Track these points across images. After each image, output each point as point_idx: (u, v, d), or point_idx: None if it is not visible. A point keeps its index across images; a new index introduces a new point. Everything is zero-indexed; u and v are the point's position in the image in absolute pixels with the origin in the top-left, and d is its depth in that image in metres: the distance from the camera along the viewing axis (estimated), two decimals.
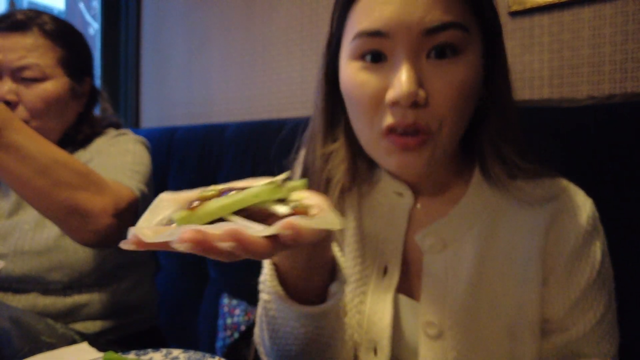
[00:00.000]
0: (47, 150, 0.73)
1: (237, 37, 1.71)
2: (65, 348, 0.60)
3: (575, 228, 0.55)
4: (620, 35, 0.95)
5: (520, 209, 0.56)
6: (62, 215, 0.75)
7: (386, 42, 0.49)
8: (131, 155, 0.97)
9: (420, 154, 0.50)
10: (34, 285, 0.92)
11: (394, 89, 0.48)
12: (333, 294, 0.49)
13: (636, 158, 0.79)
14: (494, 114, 0.55)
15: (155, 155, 1.58)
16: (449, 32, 0.48)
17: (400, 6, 0.47)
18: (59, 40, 0.97)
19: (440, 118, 0.49)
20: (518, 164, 0.54)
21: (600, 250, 0.56)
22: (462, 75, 0.49)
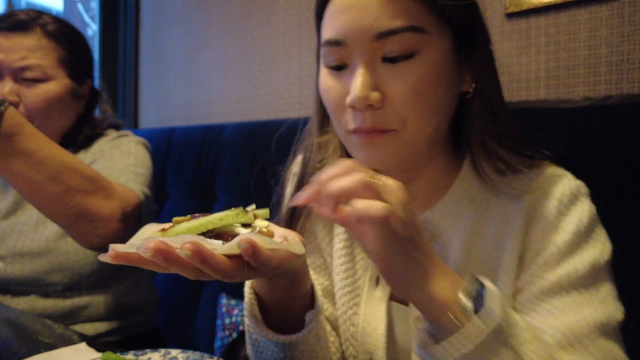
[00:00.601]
0: (59, 156, 0.73)
1: (235, 39, 1.71)
2: (64, 349, 0.60)
3: (550, 206, 0.55)
4: (616, 37, 0.95)
5: (506, 201, 0.57)
6: (72, 220, 0.75)
7: (344, 49, 0.51)
8: (133, 157, 0.97)
9: (383, 148, 0.52)
10: (33, 287, 0.92)
11: (350, 93, 0.50)
12: (308, 322, 0.52)
13: (632, 159, 0.79)
14: (479, 109, 0.56)
15: (154, 155, 1.58)
16: (401, 36, 0.49)
17: (353, 15, 0.50)
18: (60, 41, 0.97)
19: (401, 117, 0.51)
20: (504, 158, 0.55)
21: (577, 224, 0.54)
22: (417, 75, 0.50)
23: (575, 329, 0.48)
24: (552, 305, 0.51)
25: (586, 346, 0.48)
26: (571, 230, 0.53)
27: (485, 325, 0.40)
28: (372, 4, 0.49)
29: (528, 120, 0.90)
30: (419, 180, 0.60)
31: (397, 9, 0.49)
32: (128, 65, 2.14)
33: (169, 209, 1.53)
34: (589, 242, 0.53)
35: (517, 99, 1.08)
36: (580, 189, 0.57)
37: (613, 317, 0.50)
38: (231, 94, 1.73)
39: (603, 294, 0.51)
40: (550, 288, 0.52)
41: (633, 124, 0.80)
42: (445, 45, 0.52)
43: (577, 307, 0.50)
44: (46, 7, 7.47)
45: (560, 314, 0.50)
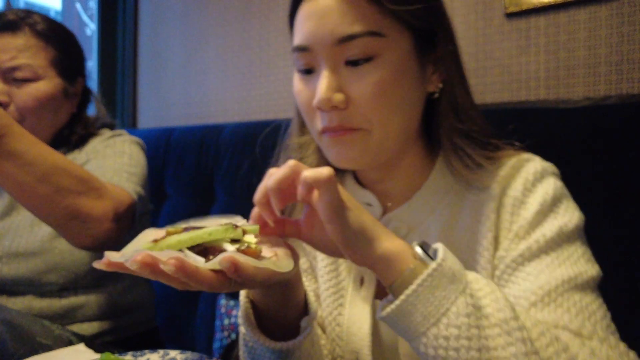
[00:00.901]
0: (48, 157, 0.72)
1: (234, 39, 1.71)
2: (62, 349, 0.60)
3: (517, 186, 0.57)
4: (615, 37, 0.95)
5: (478, 192, 0.59)
6: (63, 221, 0.74)
7: (311, 55, 0.55)
8: (127, 156, 0.96)
9: (353, 146, 0.55)
10: (29, 287, 0.91)
11: (315, 96, 0.53)
12: (303, 328, 0.54)
13: (632, 158, 0.79)
14: (445, 108, 0.58)
15: (153, 155, 1.58)
16: (360, 40, 0.52)
17: (316, 22, 0.53)
18: (50, 41, 0.96)
19: (366, 117, 0.54)
20: (471, 155, 0.57)
21: (543, 196, 0.55)
22: (377, 77, 0.52)
23: (545, 287, 0.49)
24: (525, 272, 0.52)
25: (554, 299, 0.48)
26: (538, 202, 0.55)
27: (435, 263, 0.42)
28: (333, 12, 0.52)
29: (527, 120, 0.90)
30: (395, 178, 0.63)
31: (356, 15, 0.52)
32: (127, 65, 2.13)
33: (167, 209, 1.53)
34: (555, 212, 0.55)
35: (516, 98, 1.08)
36: (546, 169, 0.59)
37: (584, 272, 0.51)
38: (230, 94, 1.73)
39: (573, 255, 0.53)
40: (521, 256, 0.53)
41: (632, 124, 0.81)
42: (405, 47, 0.54)
43: (548, 269, 0.51)
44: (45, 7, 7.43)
45: (534, 279, 0.51)
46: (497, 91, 1.10)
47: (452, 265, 0.42)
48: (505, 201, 0.57)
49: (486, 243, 0.56)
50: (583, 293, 0.50)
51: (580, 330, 0.46)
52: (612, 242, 0.80)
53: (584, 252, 0.54)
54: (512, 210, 0.56)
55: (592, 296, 0.50)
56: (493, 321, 0.40)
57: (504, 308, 0.41)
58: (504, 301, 0.42)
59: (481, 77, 1.13)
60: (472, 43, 1.14)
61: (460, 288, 0.41)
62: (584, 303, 0.49)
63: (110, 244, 0.81)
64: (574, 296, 0.49)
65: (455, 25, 1.21)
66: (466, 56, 1.14)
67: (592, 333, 0.46)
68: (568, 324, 0.47)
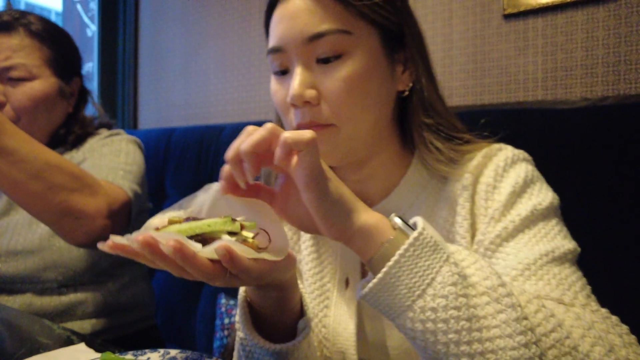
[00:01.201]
0: (41, 154, 0.73)
1: (234, 40, 1.72)
2: (63, 349, 0.60)
3: (489, 173, 0.59)
4: (613, 38, 0.96)
5: (453, 184, 0.60)
6: (56, 217, 0.75)
7: (284, 55, 0.57)
8: (124, 155, 0.97)
9: (325, 143, 0.56)
10: (29, 285, 0.92)
11: (289, 93, 0.55)
12: (301, 330, 0.54)
13: (629, 159, 0.80)
14: (415, 106, 0.60)
15: (153, 156, 1.59)
16: (329, 38, 0.54)
17: (287, 23, 0.56)
18: (45, 40, 0.97)
19: (336, 113, 0.55)
20: (441, 150, 0.59)
21: (515, 179, 0.57)
22: (346, 73, 0.54)
23: (524, 261, 0.50)
24: (505, 252, 0.53)
25: (535, 272, 0.49)
26: (510, 184, 0.56)
27: (416, 232, 0.40)
28: (303, 12, 0.55)
29: (525, 121, 0.91)
30: (373, 177, 0.64)
31: (324, 15, 0.54)
32: (127, 66, 2.14)
33: None
34: (529, 193, 0.56)
35: (514, 99, 1.08)
36: (518, 155, 0.60)
37: (561, 246, 0.51)
38: (230, 94, 1.73)
39: (549, 232, 0.53)
40: (499, 236, 0.54)
41: (630, 125, 0.81)
42: (373, 45, 0.57)
43: (526, 247, 0.52)
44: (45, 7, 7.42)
45: (514, 257, 0.52)
46: (495, 92, 1.11)
47: (433, 235, 0.41)
48: (479, 188, 0.58)
49: (462, 231, 0.58)
50: (562, 266, 0.50)
51: (562, 299, 0.47)
52: (610, 241, 0.80)
53: (560, 230, 0.54)
54: (486, 196, 0.57)
55: (571, 269, 0.51)
56: (480, 289, 0.39)
57: (490, 276, 0.40)
58: (489, 269, 0.40)
59: (479, 78, 1.13)
60: (470, 44, 1.14)
61: (444, 257, 0.40)
62: (563, 275, 0.49)
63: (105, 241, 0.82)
64: (553, 269, 0.49)
65: (454, 27, 1.23)
66: (464, 57, 1.15)
67: (573, 300, 0.47)
68: (550, 294, 0.47)
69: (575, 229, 0.82)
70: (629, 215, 0.79)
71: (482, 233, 0.56)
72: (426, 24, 1.21)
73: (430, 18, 1.20)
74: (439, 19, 1.19)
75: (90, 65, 2.27)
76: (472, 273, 0.40)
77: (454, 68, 1.17)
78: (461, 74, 1.16)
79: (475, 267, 0.40)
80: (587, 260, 0.81)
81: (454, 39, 1.17)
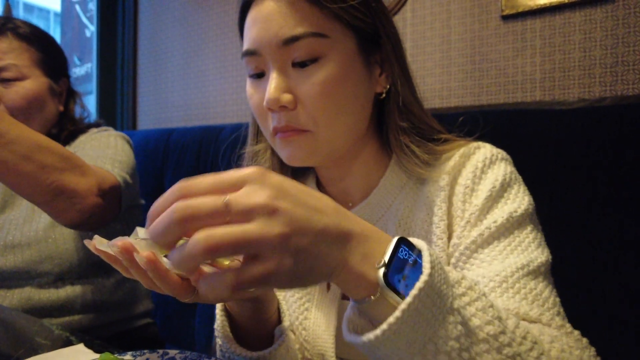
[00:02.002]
0: (30, 135, 0.75)
1: (233, 40, 1.72)
2: (62, 350, 0.60)
3: (467, 174, 0.58)
4: (610, 39, 0.96)
5: (431, 184, 0.60)
6: (49, 198, 0.76)
7: (260, 59, 0.56)
8: (112, 147, 1.00)
9: (301, 147, 0.56)
10: (26, 279, 0.93)
11: (265, 97, 0.55)
12: (277, 337, 0.54)
13: (627, 159, 0.80)
14: (391, 108, 0.60)
15: (152, 156, 1.59)
16: (304, 41, 0.53)
17: (262, 25, 0.55)
18: (33, 42, 1.01)
19: (312, 117, 0.55)
20: (416, 153, 0.59)
21: (493, 182, 0.56)
22: (322, 77, 0.54)
23: (501, 274, 0.50)
24: (479, 259, 0.53)
25: (512, 286, 0.49)
26: (487, 188, 0.56)
27: (421, 281, 0.34)
28: (277, 15, 0.54)
29: (523, 122, 0.91)
30: (353, 176, 0.64)
31: (299, 17, 0.53)
32: (126, 67, 2.14)
33: None
34: (506, 197, 0.56)
35: (512, 100, 1.09)
36: (497, 155, 0.60)
37: (535, 259, 0.52)
38: (229, 95, 1.74)
39: (524, 240, 0.54)
40: (474, 242, 0.54)
41: (627, 125, 0.81)
42: (349, 47, 0.56)
43: (501, 256, 0.52)
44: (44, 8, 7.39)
45: (488, 265, 0.52)
46: (493, 93, 1.11)
47: (440, 274, 0.35)
48: (457, 189, 0.58)
49: (439, 232, 0.58)
50: (536, 280, 0.51)
51: (539, 318, 0.47)
52: (607, 242, 0.81)
53: (534, 238, 0.55)
54: (464, 198, 0.57)
55: (544, 283, 0.52)
56: (481, 336, 0.36)
57: (493, 320, 0.36)
58: (491, 311, 0.37)
59: (477, 79, 1.14)
60: (468, 45, 1.15)
61: (449, 303, 0.35)
62: (538, 290, 0.50)
63: (96, 220, 0.84)
64: (529, 283, 0.50)
65: (452, 28, 1.23)
66: (463, 58, 1.16)
67: (550, 320, 0.47)
68: (529, 312, 0.48)
69: (572, 229, 0.83)
70: (627, 216, 0.79)
71: (457, 237, 0.56)
72: (424, 25, 1.22)
73: (429, 19, 1.21)
74: (437, 20, 1.19)
75: (89, 66, 2.27)
76: (473, 314, 0.36)
77: (452, 69, 1.18)
78: (459, 74, 1.16)
79: (476, 307, 0.37)
80: (581, 261, 0.81)
81: (452, 40, 1.17)
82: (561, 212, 0.84)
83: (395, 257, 0.36)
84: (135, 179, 1.02)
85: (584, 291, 0.80)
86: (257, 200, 0.32)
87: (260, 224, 0.31)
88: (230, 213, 0.31)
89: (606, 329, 0.78)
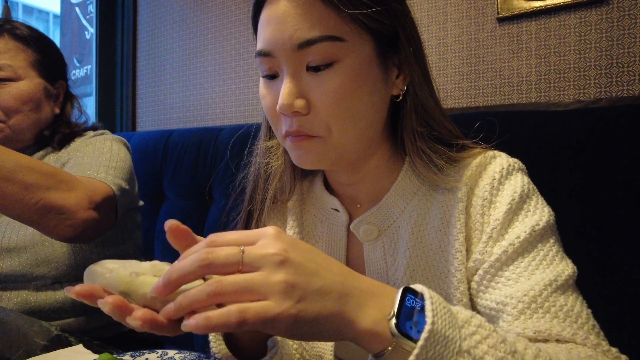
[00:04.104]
0: (9, 156, 0.74)
1: (231, 42, 1.73)
2: (60, 350, 0.60)
3: (484, 185, 0.57)
4: (605, 41, 0.97)
5: (446, 193, 0.59)
6: (37, 216, 0.76)
7: (273, 60, 0.54)
8: (107, 153, 0.98)
9: (312, 151, 0.55)
10: (23, 282, 0.93)
11: (278, 102, 0.53)
12: (270, 348, 0.53)
13: (622, 160, 0.80)
14: (408, 111, 0.58)
15: (151, 157, 1.59)
16: (320, 45, 0.51)
17: (276, 27, 0.52)
18: (29, 44, 1.01)
19: (326, 124, 0.53)
20: (433, 159, 0.57)
21: (511, 195, 0.55)
22: (338, 83, 0.52)
23: (530, 293, 0.49)
24: (504, 276, 0.52)
25: (541, 305, 0.48)
26: (507, 201, 0.55)
27: (424, 336, 0.35)
28: (292, 16, 0.51)
29: (519, 123, 0.91)
30: (363, 180, 0.63)
31: (315, 20, 0.51)
32: (125, 68, 2.15)
33: (166, 211, 1.54)
34: (526, 209, 0.55)
35: (508, 101, 1.09)
36: (513, 165, 0.58)
37: (562, 273, 0.51)
38: (228, 96, 1.74)
39: (548, 254, 0.53)
40: (498, 260, 0.53)
41: (622, 126, 0.82)
42: (366, 51, 0.54)
43: (527, 272, 0.51)
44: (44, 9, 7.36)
45: (514, 283, 0.51)
46: (489, 94, 1.12)
47: (445, 319, 0.36)
48: (475, 201, 0.57)
49: (458, 245, 0.56)
50: (565, 295, 0.50)
51: (573, 338, 0.46)
52: (603, 243, 0.81)
53: (557, 250, 0.54)
54: (482, 210, 0.56)
55: (574, 296, 0.51)
56: None
57: (506, 357, 0.37)
58: (502, 347, 0.37)
59: (473, 80, 1.14)
60: (464, 47, 1.15)
61: (457, 346, 0.36)
62: (569, 305, 0.49)
63: (92, 232, 0.83)
64: (559, 299, 0.49)
65: (449, 30, 1.24)
66: (459, 60, 1.16)
67: (584, 340, 0.46)
68: (561, 332, 0.46)
69: (568, 231, 0.83)
70: (624, 216, 0.80)
71: (480, 252, 0.55)
72: (421, 27, 1.22)
73: (425, 21, 1.21)
74: (433, 23, 1.20)
75: (88, 67, 2.28)
76: (485, 351, 0.36)
77: (448, 71, 1.18)
78: (456, 76, 1.17)
79: (488, 344, 0.37)
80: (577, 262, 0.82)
81: (448, 42, 1.18)
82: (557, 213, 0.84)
83: (404, 306, 0.38)
84: (133, 183, 1.01)
85: (582, 291, 0.81)
86: (269, 250, 0.36)
87: (268, 271, 0.35)
88: (244, 262, 0.35)
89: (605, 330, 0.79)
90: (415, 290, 0.39)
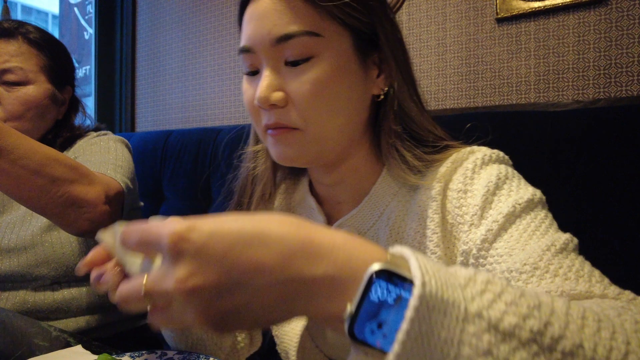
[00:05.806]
0: (39, 149, 0.75)
1: (230, 43, 1.73)
2: (60, 351, 0.60)
3: (458, 178, 0.56)
4: (604, 42, 0.97)
5: (424, 192, 0.58)
6: (60, 209, 0.77)
7: (254, 56, 0.56)
8: (113, 152, 1.00)
9: (290, 145, 0.56)
10: (22, 282, 0.94)
11: (255, 95, 0.55)
12: None
13: (620, 161, 0.81)
14: (388, 111, 0.58)
15: (150, 158, 1.59)
16: (297, 40, 0.52)
17: (257, 23, 0.54)
18: (42, 48, 1.01)
19: (303, 116, 0.54)
20: (407, 158, 0.57)
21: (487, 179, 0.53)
22: (315, 76, 0.53)
23: (529, 261, 0.45)
24: (496, 254, 0.49)
25: (546, 269, 0.44)
26: (482, 185, 0.53)
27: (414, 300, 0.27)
28: (271, 13, 0.53)
29: (518, 124, 0.92)
30: (344, 182, 0.63)
31: (293, 16, 0.52)
32: (125, 69, 2.15)
33: (165, 212, 1.54)
34: (507, 189, 0.53)
35: (507, 102, 1.09)
36: (490, 156, 0.57)
37: (558, 238, 0.47)
38: (227, 97, 1.74)
39: (540, 225, 0.49)
40: (485, 241, 0.50)
41: (621, 127, 0.82)
42: (344, 47, 0.54)
43: (519, 244, 0.48)
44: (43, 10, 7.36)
45: (508, 257, 0.47)
46: (488, 95, 1.12)
47: (438, 277, 0.27)
48: (450, 195, 0.56)
49: (432, 245, 0.55)
50: (570, 257, 0.45)
51: (590, 293, 0.40)
52: (601, 243, 0.81)
53: (551, 222, 0.51)
54: (459, 203, 0.55)
55: (580, 258, 0.46)
56: (524, 337, 0.26)
57: (532, 312, 0.27)
58: (526, 300, 0.28)
59: (472, 81, 1.14)
60: (463, 48, 1.15)
61: (461, 314, 0.26)
62: (577, 266, 0.44)
63: (103, 228, 0.84)
64: (564, 262, 0.44)
65: (447, 31, 1.24)
66: (458, 61, 1.17)
67: (604, 291, 0.41)
68: (575, 288, 0.41)
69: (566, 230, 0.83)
70: (622, 216, 0.80)
71: (464, 242, 0.53)
72: (420, 27, 1.23)
73: (424, 22, 1.21)
74: (432, 23, 1.20)
75: (87, 68, 2.28)
76: (504, 311, 0.27)
77: (447, 71, 1.18)
78: (454, 77, 1.17)
79: (504, 301, 0.27)
80: None
81: (447, 43, 1.18)
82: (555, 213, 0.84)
83: (366, 300, 0.28)
84: (135, 183, 1.02)
85: None
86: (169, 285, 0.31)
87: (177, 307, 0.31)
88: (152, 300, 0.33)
89: None
90: (394, 270, 0.28)
